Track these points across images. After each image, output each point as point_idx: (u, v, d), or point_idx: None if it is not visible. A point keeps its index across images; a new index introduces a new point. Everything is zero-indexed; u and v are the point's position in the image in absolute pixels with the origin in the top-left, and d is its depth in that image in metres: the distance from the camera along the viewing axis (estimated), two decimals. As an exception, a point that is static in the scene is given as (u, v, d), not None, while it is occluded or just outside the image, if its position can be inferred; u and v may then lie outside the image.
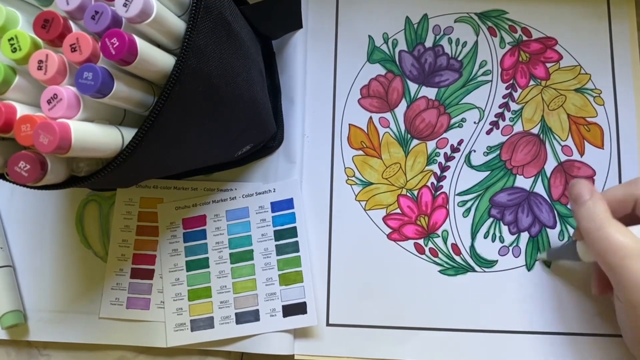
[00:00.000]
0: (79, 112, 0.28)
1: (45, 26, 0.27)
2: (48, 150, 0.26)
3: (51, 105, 0.27)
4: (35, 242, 0.45)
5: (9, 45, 0.28)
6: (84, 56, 0.27)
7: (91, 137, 0.28)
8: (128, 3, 0.27)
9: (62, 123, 0.26)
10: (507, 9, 0.48)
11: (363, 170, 0.46)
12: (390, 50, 0.48)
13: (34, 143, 0.26)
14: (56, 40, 0.28)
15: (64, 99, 0.27)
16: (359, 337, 0.42)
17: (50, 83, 0.28)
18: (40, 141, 0.26)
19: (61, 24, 0.27)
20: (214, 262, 0.43)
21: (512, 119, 0.46)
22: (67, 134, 0.26)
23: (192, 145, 0.35)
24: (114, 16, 0.27)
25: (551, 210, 0.44)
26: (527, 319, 0.42)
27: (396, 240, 0.44)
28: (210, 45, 0.30)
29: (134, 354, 0.43)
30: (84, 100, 0.28)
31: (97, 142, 0.28)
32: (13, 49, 0.28)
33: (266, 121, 0.42)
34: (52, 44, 0.28)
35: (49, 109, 0.27)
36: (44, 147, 0.26)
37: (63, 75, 0.28)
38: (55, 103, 0.27)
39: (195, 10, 0.29)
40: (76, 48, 0.27)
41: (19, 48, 0.28)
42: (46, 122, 0.26)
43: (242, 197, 0.44)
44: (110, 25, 0.27)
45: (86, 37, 0.27)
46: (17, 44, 0.28)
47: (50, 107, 0.27)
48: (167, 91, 0.28)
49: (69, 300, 0.43)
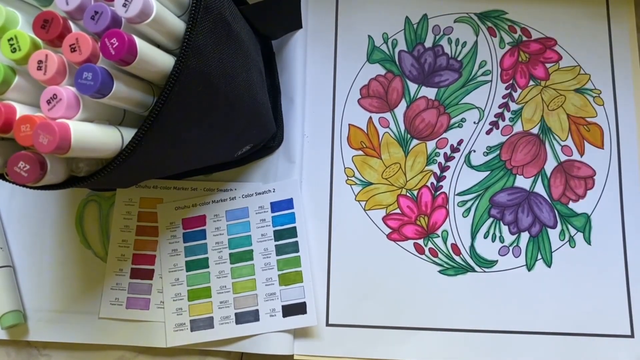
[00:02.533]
0: (79, 113, 0.28)
1: (44, 26, 0.27)
2: (48, 151, 0.26)
3: (51, 106, 0.27)
4: (35, 242, 0.45)
5: (9, 45, 0.28)
6: (84, 56, 0.27)
7: (91, 137, 0.28)
8: (127, 3, 0.27)
9: (61, 123, 0.26)
10: (507, 9, 0.48)
11: (363, 170, 0.46)
12: (390, 50, 0.48)
13: (34, 143, 0.26)
14: (55, 41, 0.28)
15: (63, 99, 0.27)
16: (358, 337, 0.42)
17: (50, 83, 0.28)
18: (40, 141, 0.26)
19: (61, 24, 0.27)
20: (214, 262, 0.43)
21: (511, 119, 0.46)
22: (66, 134, 0.26)
23: (191, 145, 0.35)
24: (114, 16, 0.27)
25: (551, 210, 0.44)
26: (527, 319, 0.42)
27: (396, 241, 0.44)
28: (209, 45, 0.30)
29: (133, 354, 0.43)
30: (84, 101, 0.28)
31: (97, 143, 0.28)
32: (12, 49, 0.28)
33: (266, 121, 0.42)
34: (51, 44, 0.28)
35: (48, 109, 0.27)
36: (44, 147, 0.26)
37: (63, 76, 0.28)
38: (54, 103, 0.27)
39: (194, 11, 0.29)
40: (76, 48, 0.27)
41: (19, 48, 0.28)
42: (46, 123, 0.26)
43: (242, 197, 0.44)
44: (110, 26, 0.27)
45: (86, 37, 0.27)
46: (17, 44, 0.28)
47: (49, 107, 0.27)
48: (167, 91, 0.28)
49: (69, 300, 0.43)
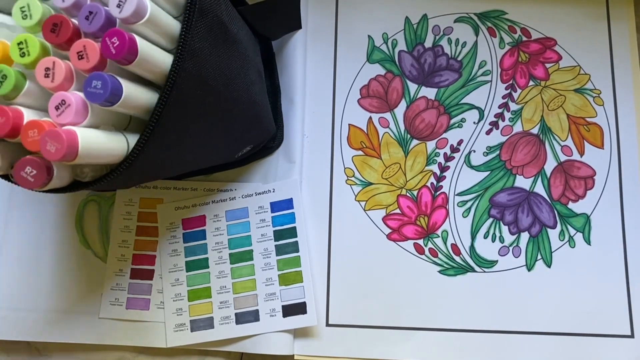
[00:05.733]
0: (87, 119, 0.28)
1: (54, 30, 0.27)
2: (55, 159, 0.26)
3: (59, 112, 0.27)
4: (35, 242, 0.45)
5: (18, 49, 0.28)
6: (91, 64, 0.27)
7: (98, 144, 0.28)
8: (122, 4, 0.27)
9: (69, 131, 0.26)
10: (507, 9, 0.48)
11: (363, 170, 0.46)
12: (390, 51, 0.48)
13: (41, 151, 0.26)
14: (64, 45, 0.27)
15: (72, 105, 0.27)
16: (358, 337, 0.42)
17: (58, 90, 0.28)
18: (48, 149, 0.25)
19: (71, 28, 0.27)
20: (214, 262, 0.43)
21: (511, 119, 0.46)
22: (74, 142, 0.26)
23: (192, 147, 0.35)
24: (108, 16, 0.27)
25: (551, 210, 0.44)
26: (527, 319, 0.42)
27: (396, 241, 0.44)
28: (206, 48, 0.30)
29: (134, 354, 0.43)
30: (92, 107, 0.28)
31: (104, 149, 0.28)
32: (22, 53, 0.28)
33: (265, 122, 0.42)
34: (60, 48, 0.28)
35: (57, 115, 0.27)
36: (52, 155, 0.25)
37: (70, 82, 0.28)
38: (63, 109, 0.27)
39: (189, 14, 0.28)
40: (83, 56, 0.27)
41: (28, 53, 0.28)
42: (54, 130, 0.26)
43: (242, 198, 0.44)
44: (104, 25, 0.27)
45: (93, 44, 0.27)
46: (26, 49, 0.28)
47: (58, 113, 0.27)
48: (166, 95, 0.28)
49: (69, 300, 0.43)
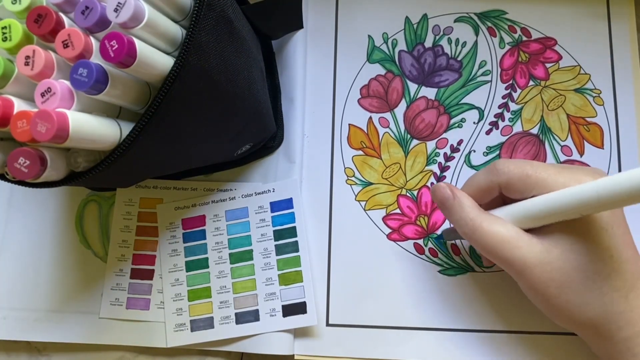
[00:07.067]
0: (73, 107, 0.28)
1: (37, 21, 0.27)
2: (46, 139, 0.25)
3: (44, 99, 0.27)
4: (35, 242, 0.45)
5: (1, 33, 0.28)
6: (76, 52, 0.27)
7: (89, 126, 0.28)
8: (119, 8, 0.26)
9: (59, 112, 0.26)
10: (507, 9, 0.48)
11: (363, 170, 0.46)
12: (390, 50, 0.48)
13: (32, 132, 0.26)
14: (48, 36, 0.28)
15: (57, 92, 0.27)
16: (358, 337, 0.42)
17: (38, 79, 0.28)
18: (38, 130, 0.25)
19: (54, 19, 0.27)
20: (214, 262, 0.43)
21: (511, 119, 0.46)
22: (64, 122, 0.26)
23: (191, 142, 0.35)
24: (103, 13, 0.27)
25: (551, 210, 0.44)
26: (528, 319, 0.42)
27: (396, 241, 0.44)
28: (212, 42, 0.30)
29: (134, 354, 0.43)
30: (77, 95, 0.28)
31: (95, 133, 0.28)
32: (4, 37, 0.28)
33: (266, 120, 0.42)
34: (44, 39, 0.28)
35: (42, 102, 0.27)
36: (42, 135, 0.25)
37: (51, 71, 0.28)
38: (48, 96, 0.27)
39: (198, 7, 0.29)
40: (68, 44, 0.27)
41: (10, 38, 0.28)
42: (44, 111, 0.26)
43: (242, 197, 0.44)
44: (99, 21, 0.27)
45: (78, 32, 0.27)
46: (9, 34, 0.28)
47: (43, 100, 0.27)
48: (167, 86, 0.28)
49: (69, 300, 0.43)
